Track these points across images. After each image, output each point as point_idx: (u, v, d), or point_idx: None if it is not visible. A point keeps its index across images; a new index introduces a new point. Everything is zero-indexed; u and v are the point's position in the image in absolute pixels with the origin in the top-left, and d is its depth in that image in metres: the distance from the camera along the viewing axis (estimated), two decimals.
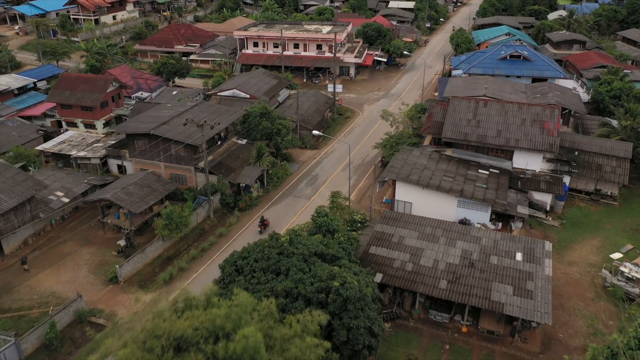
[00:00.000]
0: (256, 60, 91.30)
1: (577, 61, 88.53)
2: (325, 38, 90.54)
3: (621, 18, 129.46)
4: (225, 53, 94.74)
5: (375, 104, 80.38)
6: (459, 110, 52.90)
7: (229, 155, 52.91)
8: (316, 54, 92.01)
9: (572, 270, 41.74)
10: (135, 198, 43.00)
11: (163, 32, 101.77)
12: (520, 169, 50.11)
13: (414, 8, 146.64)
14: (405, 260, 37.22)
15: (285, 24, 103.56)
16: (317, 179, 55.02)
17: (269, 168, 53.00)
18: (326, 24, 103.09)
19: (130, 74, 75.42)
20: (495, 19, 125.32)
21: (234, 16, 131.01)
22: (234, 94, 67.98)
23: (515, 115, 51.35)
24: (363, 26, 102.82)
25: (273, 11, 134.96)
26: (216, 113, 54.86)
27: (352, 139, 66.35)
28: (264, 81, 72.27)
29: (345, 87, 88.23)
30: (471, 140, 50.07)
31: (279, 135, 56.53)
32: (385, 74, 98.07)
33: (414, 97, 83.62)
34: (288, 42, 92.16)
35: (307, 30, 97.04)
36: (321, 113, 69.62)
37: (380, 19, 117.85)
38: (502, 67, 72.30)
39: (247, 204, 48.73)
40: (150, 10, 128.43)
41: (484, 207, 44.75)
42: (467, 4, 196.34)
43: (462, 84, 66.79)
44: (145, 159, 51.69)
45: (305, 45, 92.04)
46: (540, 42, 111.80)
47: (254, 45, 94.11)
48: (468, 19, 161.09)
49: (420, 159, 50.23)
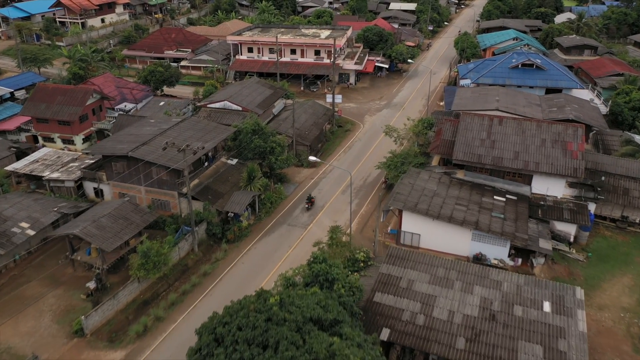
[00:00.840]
0: (251, 67, 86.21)
1: (591, 68, 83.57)
2: (323, 43, 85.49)
3: (631, 21, 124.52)
4: (218, 59, 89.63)
5: (376, 115, 75.33)
6: (471, 129, 47.87)
7: (218, 178, 47.83)
8: (314, 60, 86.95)
9: (604, 316, 36.75)
10: (107, 233, 37.91)
11: (153, 37, 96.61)
12: (540, 194, 45.08)
13: (416, 10, 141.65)
14: (416, 311, 32.19)
15: (282, 28, 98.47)
16: (314, 204, 49.92)
17: (261, 192, 47.94)
18: (325, 28, 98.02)
19: (115, 83, 70.29)
20: (500, 22, 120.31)
21: (228, 19, 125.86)
22: (225, 106, 62.91)
23: (534, 134, 46.34)
24: (363, 30, 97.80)
25: (270, 13, 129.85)
26: (203, 131, 49.78)
27: (352, 156, 61.28)
28: (258, 91, 67.18)
29: (345, 95, 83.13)
30: (486, 163, 45.05)
31: (273, 154, 51.49)
32: (387, 81, 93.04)
33: (418, 107, 78.63)
34: (284, 47, 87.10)
35: (305, 35, 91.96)
36: (319, 126, 64.57)
37: (381, 22, 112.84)
38: (514, 77, 67.29)
39: (236, 234, 43.66)
40: (141, 13, 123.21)
41: (502, 241, 39.77)
42: (469, 5, 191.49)
43: (471, 96, 61.79)
44: (124, 183, 46.64)
45: (303, 51, 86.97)
46: (549, 46, 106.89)
47: (248, 51, 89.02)
48: (471, 21, 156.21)
49: (429, 184, 45.20)
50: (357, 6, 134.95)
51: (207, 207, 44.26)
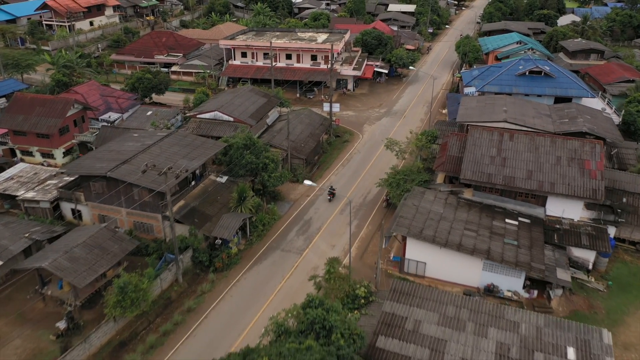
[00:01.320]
0: (244, 73, 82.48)
1: (599, 74, 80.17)
2: (320, 48, 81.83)
3: (636, 24, 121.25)
4: (210, 64, 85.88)
5: (376, 124, 71.70)
6: (480, 145, 44.28)
7: (205, 199, 44.12)
8: (311, 65, 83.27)
9: (630, 357, 33.23)
10: (81, 265, 34.18)
11: (142, 41, 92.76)
12: (555, 217, 41.55)
13: (415, 12, 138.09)
14: (424, 359, 28.58)
15: (277, 31, 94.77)
16: (310, 225, 46.27)
17: (253, 214, 44.25)
18: (322, 31, 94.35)
19: (99, 92, 66.49)
20: (502, 24, 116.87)
21: (222, 21, 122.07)
22: (215, 116, 59.20)
23: (548, 151, 42.78)
24: (362, 34, 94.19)
25: (265, 15, 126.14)
26: (190, 147, 46.06)
27: (351, 170, 57.63)
28: (251, 100, 63.49)
29: (343, 103, 79.48)
30: (496, 183, 41.46)
31: (266, 171, 47.81)
32: (386, 86, 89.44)
33: (419, 115, 75.06)
34: (279, 52, 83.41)
35: (301, 38, 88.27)
36: (316, 137, 60.90)
37: (380, 25, 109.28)
38: (521, 85, 63.76)
39: (225, 263, 39.95)
40: (132, 15, 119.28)
41: (517, 272, 36.19)
42: (469, 6, 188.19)
43: (476, 105, 58.21)
44: (103, 204, 42.91)
45: (299, 56, 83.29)
46: (553, 50, 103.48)
47: (242, 56, 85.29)
48: (472, 23, 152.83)
49: (435, 206, 41.59)
50: (355, 8, 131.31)
51: (193, 231, 40.54)
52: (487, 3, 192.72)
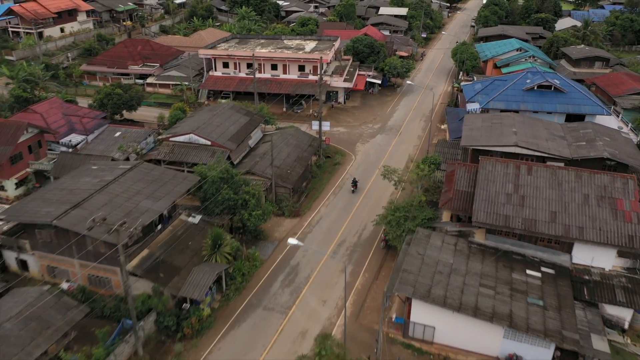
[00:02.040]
0: (226, 85, 75.85)
1: (607, 85, 74.70)
2: (308, 58, 75.45)
3: (638, 28, 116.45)
4: (189, 75, 79.12)
5: (370, 142, 65.49)
6: (493, 179, 38.24)
7: (174, 246, 37.55)
8: (298, 76, 76.88)
9: None
10: (13, 347, 27.53)
11: (116, 50, 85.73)
12: (583, 265, 35.64)
13: (408, 16, 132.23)
14: None
15: (262, 39, 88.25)
16: (297, 273, 39.90)
17: (230, 263, 37.80)
18: (310, 39, 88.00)
19: (62, 110, 59.57)
20: (500, 29, 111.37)
21: (205, 26, 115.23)
22: (190, 139, 52.69)
23: (573, 187, 36.84)
24: (353, 41, 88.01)
25: (250, 20, 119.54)
26: (156, 183, 39.50)
27: (343, 200, 51.34)
28: (231, 120, 57.00)
29: (333, 117, 73.27)
30: (515, 227, 35.42)
31: (246, 208, 41.40)
32: (379, 98, 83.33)
33: (416, 131, 69.00)
34: (264, 62, 76.92)
35: (288, 47, 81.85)
36: (304, 161, 54.56)
37: (372, 30, 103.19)
38: (529, 101, 57.94)
39: (195, 328, 33.45)
40: (107, 21, 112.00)
41: (545, 342, 30.17)
42: (461, 9, 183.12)
43: (482, 126, 52.25)
44: (52, 254, 36.28)
45: (285, 66, 76.86)
46: (554, 56, 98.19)
47: (223, 66, 78.66)
48: (465, 26, 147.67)
49: (444, 254, 35.47)
50: (345, 12, 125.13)
51: (158, 290, 34.01)
52: (480, 5, 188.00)
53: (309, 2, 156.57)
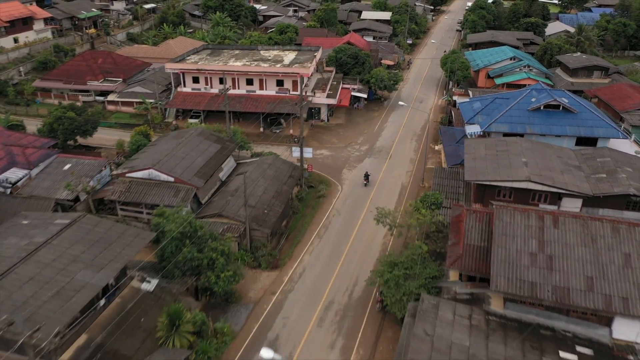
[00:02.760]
0: (196, 103, 68.17)
1: (612, 98, 69.12)
2: (288, 72, 68.22)
3: (631, 32, 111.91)
4: (155, 91, 71.22)
5: (357, 168, 58.58)
6: (512, 234, 31.57)
7: (121, 326, 30.01)
8: (276, 92, 69.66)
9: None
10: None
11: (74, 63, 77.32)
12: (625, 342, 29.17)
13: (392, 20, 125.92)
14: None
15: (237, 49, 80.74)
16: (277, 348, 32.67)
17: (193, 346, 30.45)
18: (289, 49, 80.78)
19: (2, 139, 51.37)
20: (489, 35, 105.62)
21: (176, 34, 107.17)
22: (150, 175, 45.14)
23: (610, 245, 30.36)
24: (336, 51, 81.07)
25: (225, 26, 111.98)
26: (100, 244, 31.93)
27: (329, 244, 44.27)
28: (199, 149, 49.54)
29: (315, 137, 66.34)
30: (544, 298, 28.76)
31: (213, 269, 34.10)
32: (365, 113, 76.56)
33: (408, 154, 62.35)
34: (238, 77, 69.51)
35: (265, 59, 74.52)
36: (284, 196, 47.39)
37: (355, 38, 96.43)
38: (536, 123, 51.67)
39: None
40: (68, 29, 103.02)
41: None
42: (445, 12, 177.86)
43: (486, 154, 45.75)
44: None
45: (262, 81, 69.53)
46: (548, 64, 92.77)
47: (193, 81, 71.00)
48: (451, 30, 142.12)
49: (457, 332, 28.64)
50: (326, 17, 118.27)
51: None
52: (463, 7, 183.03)
53: (288, 6, 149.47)
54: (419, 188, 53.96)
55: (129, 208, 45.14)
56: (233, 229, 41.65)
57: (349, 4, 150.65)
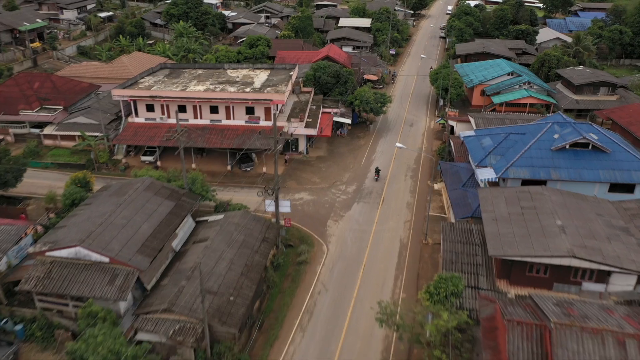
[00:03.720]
0: (149, 138, 57.17)
1: (630, 123, 60.82)
2: (259, 99, 57.83)
3: (627, 40, 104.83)
4: (102, 122, 59.94)
5: (345, 218, 48.62)
6: None
7: None
8: (246, 122, 59.24)
9: None
10: None
11: (4, 88, 65.26)
12: None
13: (372, 28, 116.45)
14: None
15: (199, 68, 69.83)
16: None
17: None
18: (260, 67, 70.23)
19: None
20: (480, 45, 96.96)
21: (132, 47, 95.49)
22: (78, 255, 34.32)
23: None
24: (314, 69, 70.98)
25: (190, 37, 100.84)
26: None
27: (315, 338, 34.10)
28: (147, 210, 38.84)
29: (293, 176, 56.25)
30: None
31: None
32: (350, 141, 66.71)
33: (404, 196, 52.72)
34: (201, 104, 58.85)
35: (232, 80, 63.92)
36: (256, 271, 37.06)
37: (334, 50, 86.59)
38: (562, 166, 42.47)
39: None
40: (8, 43, 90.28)
41: None
42: (425, 16, 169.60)
43: (509, 215, 36.52)
44: None
45: (229, 109, 59.01)
46: (545, 78, 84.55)
47: (147, 110, 60.00)
48: (434, 37, 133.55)
49: None
50: (301, 26, 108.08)
51: None
52: (444, 11, 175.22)
53: (260, 12, 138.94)
54: (422, 246, 44.31)
55: (48, 301, 34.23)
56: (188, 330, 31.24)
57: (325, 10, 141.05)
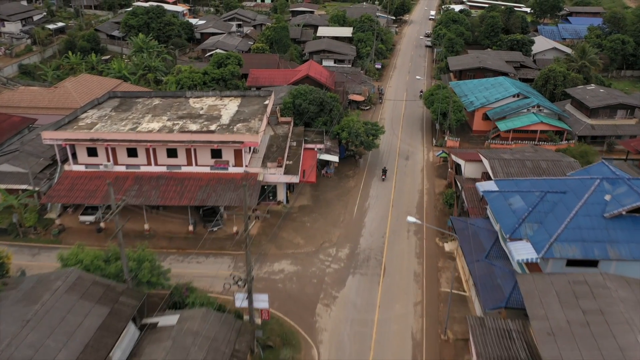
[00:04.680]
0: (89, 194, 45.59)
1: None
2: (227, 141, 46.87)
3: (631, 51, 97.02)
4: (32, 171, 48.16)
5: (339, 301, 38.13)
6: None
7: None
8: (212, 169, 48.29)
9: None
10: None
11: None
12: None
13: (354, 39, 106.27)
14: None
15: (157, 97, 58.42)
16: None
17: None
18: (229, 95, 59.19)
19: None
20: (476, 60, 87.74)
21: (82, 66, 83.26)
22: None
23: None
24: (293, 95, 60.48)
25: (151, 51, 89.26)
26: None
27: None
28: (67, 327, 27.63)
29: (270, 235, 45.56)
30: None
31: None
32: (338, 183, 56.40)
33: (410, 263, 42.55)
34: (156, 147, 47.62)
35: (195, 114, 52.81)
36: None
37: (315, 68, 76.29)
38: (620, 239, 32.82)
39: None
40: None
41: None
42: (407, 21, 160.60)
43: (569, 323, 26.98)
44: None
45: (191, 153, 47.94)
46: (550, 97, 75.77)
47: (88, 154, 48.51)
48: (420, 46, 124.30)
49: None
50: (276, 37, 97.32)
51: None
52: (426, 17, 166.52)
53: (231, 21, 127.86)
54: (441, 343, 34.17)
55: None
56: None
57: (302, 17, 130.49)
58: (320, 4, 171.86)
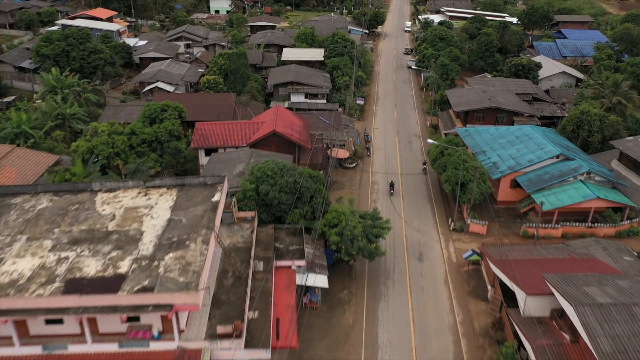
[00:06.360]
0: None
1: None
2: (146, 305, 27.13)
3: None
4: None
5: None
6: None
7: None
8: (120, 345, 28.42)
9: None
10: None
11: None
12: None
13: (328, 65, 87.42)
14: None
15: (46, 193, 37.77)
16: None
17: None
18: (159, 186, 39.11)
19: None
20: (483, 95, 70.39)
21: None
22: None
23: None
24: (256, 178, 41.28)
25: (68, 91, 68.35)
26: None
27: None
28: None
29: None
30: None
31: None
32: (328, 318, 37.94)
33: None
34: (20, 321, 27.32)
35: (100, 229, 32.58)
36: None
37: (283, 119, 57.39)
38: None
39: None
40: None
41: None
42: (381, 35, 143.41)
43: None
44: None
45: (88, 322, 27.91)
46: (583, 145, 59.54)
47: None
48: (402, 68, 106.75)
49: None
50: (232, 67, 77.66)
51: None
52: (401, 28, 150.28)
53: (177, 40, 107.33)
54: None
55: None
56: None
57: (262, 34, 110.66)
58: (282, 14, 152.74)
